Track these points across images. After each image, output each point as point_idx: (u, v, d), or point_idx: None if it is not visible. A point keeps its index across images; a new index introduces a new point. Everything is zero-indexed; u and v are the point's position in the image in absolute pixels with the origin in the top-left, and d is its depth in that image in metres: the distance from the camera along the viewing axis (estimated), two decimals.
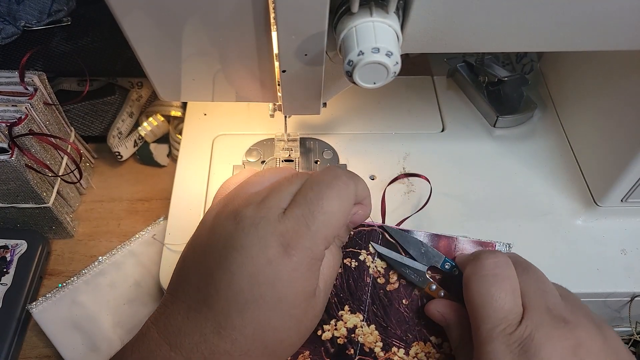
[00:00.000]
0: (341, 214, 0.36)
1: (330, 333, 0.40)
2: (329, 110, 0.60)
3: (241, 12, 0.32)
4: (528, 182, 0.54)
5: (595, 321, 0.34)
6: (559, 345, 0.31)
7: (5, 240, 0.54)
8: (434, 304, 0.39)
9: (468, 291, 0.36)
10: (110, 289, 0.52)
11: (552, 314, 0.33)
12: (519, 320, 0.33)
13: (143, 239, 0.55)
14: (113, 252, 0.54)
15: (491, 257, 0.36)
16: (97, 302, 0.51)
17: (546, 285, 0.36)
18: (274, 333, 0.34)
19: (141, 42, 0.35)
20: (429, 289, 0.40)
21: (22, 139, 0.47)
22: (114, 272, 0.53)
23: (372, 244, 0.41)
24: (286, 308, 0.34)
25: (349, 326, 0.40)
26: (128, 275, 0.53)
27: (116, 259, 0.54)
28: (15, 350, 0.50)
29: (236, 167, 0.54)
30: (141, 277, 0.53)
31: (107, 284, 0.52)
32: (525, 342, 0.32)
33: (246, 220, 0.35)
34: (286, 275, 0.33)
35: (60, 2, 0.58)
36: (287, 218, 0.34)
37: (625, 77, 0.47)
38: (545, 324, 0.32)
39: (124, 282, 0.53)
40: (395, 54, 0.30)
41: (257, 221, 0.34)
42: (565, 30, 0.35)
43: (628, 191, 0.49)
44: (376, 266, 0.41)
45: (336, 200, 0.35)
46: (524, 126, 0.59)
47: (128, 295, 0.52)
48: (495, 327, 0.33)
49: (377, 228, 0.41)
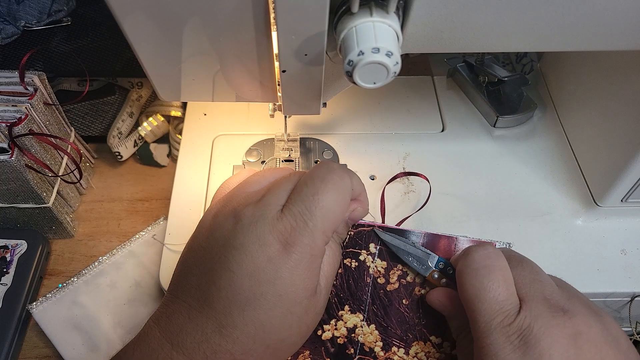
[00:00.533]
0: (338, 207, 0.36)
1: (330, 333, 0.40)
2: (329, 110, 0.60)
3: (241, 12, 0.32)
4: (528, 182, 0.54)
5: (593, 309, 0.34)
6: (558, 335, 0.31)
7: (5, 240, 0.54)
8: (435, 293, 0.39)
9: (461, 286, 0.36)
10: (111, 289, 0.52)
11: (550, 304, 0.33)
12: (517, 311, 0.33)
13: (143, 239, 0.55)
14: (113, 252, 0.54)
15: (481, 250, 0.36)
16: (97, 302, 0.51)
17: (541, 275, 0.36)
18: (276, 332, 0.34)
19: (141, 42, 0.35)
20: (432, 277, 0.40)
21: (22, 139, 0.47)
22: (114, 273, 0.53)
23: (376, 229, 0.41)
24: (287, 306, 0.34)
25: (349, 326, 0.40)
26: (128, 275, 0.53)
27: (116, 259, 0.54)
28: (15, 350, 0.50)
29: (236, 167, 0.54)
30: (141, 277, 0.53)
31: (107, 284, 0.52)
32: (525, 333, 0.32)
33: (245, 219, 0.35)
34: (287, 272, 0.33)
35: (60, 2, 0.58)
36: (285, 215, 0.34)
37: (625, 77, 0.47)
38: (543, 314, 0.32)
39: (124, 282, 0.53)
40: (395, 54, 0.30)
41: (255, 219, 0.34)
42: (565, 30, 0.35)
43: (628, 191, 0.49)
44: (376, 266, 0.41)
45: (332, 194, 0.35)
46: (524, 126, 0.59)
47: (128, 296, 0.52)
48: (492, 319, 0.33)
49: (376, 228, 0.41)
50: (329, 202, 0.35)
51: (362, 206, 0.39)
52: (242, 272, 0.33)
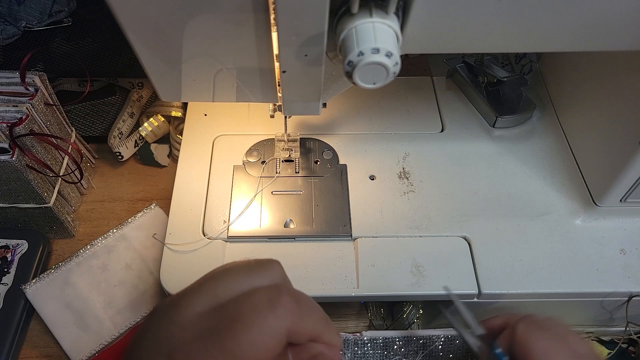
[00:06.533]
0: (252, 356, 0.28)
1: None
2: (329, 110, 0.60)
3: (241, 12, 0.32)
4: (527, 182, 0.54)
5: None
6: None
7: (6, 240, 0.54)
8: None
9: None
10: (102, 271, 0.53)
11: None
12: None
13: (135, 223, 0.56)
14: (105, 235, 0.55)
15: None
16: (89, 284, 0.53)
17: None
18: None
19: (142, 43, 0.35)
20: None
21: (23, 139, 0.48)
22: (105, 255, 0.54)
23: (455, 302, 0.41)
24: None
25: None
26: (119, 258, 0.54)
27: (108, 242, 0.55)
28: (16, 349, 0.50)
29: (236, 167, 0.54)
30: (132, 260, 0.54)
31: (99, 266, 0.54)
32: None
33: (155, 314, 0.31)
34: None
35: (61, 3, 0.58)
36: (185, 341, 0.28)
37: (624, 78, 0.47)
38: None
39: (116, 264, 0.54)
40: (395, 55, 0.30)
41: (160, 319, 0.30)
42: (565, 30, 0.35)
43: (627, 191, 0.49)
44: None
45: (245, 339, 0.27)
46: (523, 126, 0.59)
47: (119, 277, 0.53)
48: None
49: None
50: (237, 349, 0.27)
51: (331, 353, 0.31)
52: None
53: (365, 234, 0.50)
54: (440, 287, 0.46)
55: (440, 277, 0.47)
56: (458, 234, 0.50)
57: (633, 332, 0.52)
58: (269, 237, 0.50)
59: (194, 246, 0.49)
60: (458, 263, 0.48)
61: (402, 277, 0.47)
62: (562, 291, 0.47)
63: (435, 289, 0.47)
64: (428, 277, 0.47)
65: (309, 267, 0.48)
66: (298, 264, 0.48)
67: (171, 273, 0.47)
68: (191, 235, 0.49)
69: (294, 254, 0.49)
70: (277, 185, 0.53)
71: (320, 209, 0.51)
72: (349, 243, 0.50)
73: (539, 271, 0.48)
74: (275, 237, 0.50)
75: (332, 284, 0.47)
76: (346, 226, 0.50)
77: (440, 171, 0.55)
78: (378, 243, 0.49)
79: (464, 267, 0.48)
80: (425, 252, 0.49)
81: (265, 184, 0.53)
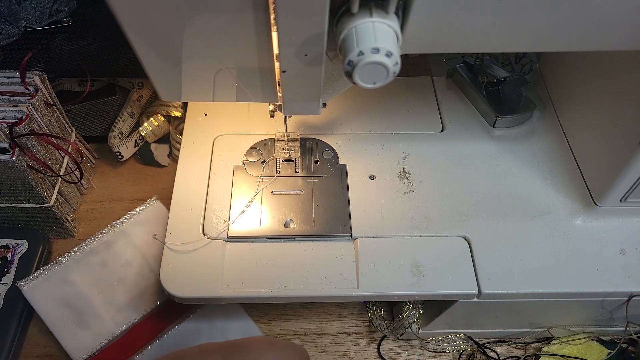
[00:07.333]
0: None
1: None
2: (329, 110, 0.60)
3: (241, 12, 0.32)
4: (527, 182, 0.54)
5: None
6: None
7: (6, 240, 0.54)
8: None
9: None
10: (101, 268, 0.52)
11: None
12: None
13: (134, 218, 0.55)
14: (104, 231, 0.54)
15: None
16: (88, 281, 0.51)
17: None
18: None
19: (142, 43, 0.35)
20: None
21: (23, 139, 0.48)
22: (104, 251, 0.53)
23: None
24: None
25: None
26: (119, 254, 0.53)
27: (107, 238, 0.53)
28: (17, 349, 0.50)
29: (236, 166, 0.54)
30: (132, 256, 0.53)
31: (98, 263, 0.52)
32: None
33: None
34: None
35: (61, 3, 0.58)
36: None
37: (625, 78, 0.47)
38: None
39: (115, 261, 0.52)
40: (395, 55, 0.30)
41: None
42: (565, 30, 0.35)
43: (627, 191, 0.49)
44: None
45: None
46: (523, 126, 0.59)
47: (119, 274, 0.52)
48: None
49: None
50: None
51: None
52: None
53: (365, 234, 0.50)
54: (440, 287, 0.46)
55: (440, 277, 0.47)
56: (458, 234, 0.50)
57: (633, 332, 0.52)
58: (269, 237, 0.50)
59: (194, 246, 0.49)
60: (458, 263, 0.48)
61: (402, 277, 0.47)
62: (562, 291, 0.47)
63: (435, 289, 0.47)
64: (428, 277, 0.47)
65: (309, 267, 0.48)
66: (298, 263, 0.48)
67: (171, 273, 0.47)
68: (191, 235, 0.49)
69: (294, 253, 0.49)
70: (277, 185, 0.53)
71: (320, 208, 0.52)
72: (349, 243, 0.50)
73: (539, 271, 0.48)
74: (275, 237, 0.50)
75: (332, 283, 0.47)
76: (346, 226, 0.50)
77: (441, 171, 0.55)
78: (378, 243, 0.49)
79: (464, 267, 0.48)
80: (425, 252, 0.49)
81: (265, 183, 0.53)
